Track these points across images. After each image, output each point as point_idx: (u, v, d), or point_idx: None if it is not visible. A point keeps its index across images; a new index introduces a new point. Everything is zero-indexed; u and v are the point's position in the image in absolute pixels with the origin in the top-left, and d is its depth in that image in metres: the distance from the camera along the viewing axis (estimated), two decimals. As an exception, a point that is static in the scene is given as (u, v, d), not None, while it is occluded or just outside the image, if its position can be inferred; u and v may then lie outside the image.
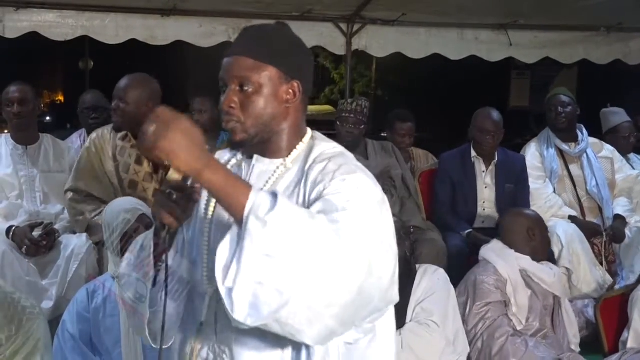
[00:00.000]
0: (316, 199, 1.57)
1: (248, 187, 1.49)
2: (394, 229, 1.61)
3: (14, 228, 3.63)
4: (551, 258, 3.63)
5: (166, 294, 1.64)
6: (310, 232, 1.44)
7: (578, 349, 3.54)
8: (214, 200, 1.69)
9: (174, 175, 1.54)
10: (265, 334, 1.51)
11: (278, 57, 1.67)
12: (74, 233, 3.77)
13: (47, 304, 3.51)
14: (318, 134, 1.77)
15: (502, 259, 3.50)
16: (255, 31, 1.73)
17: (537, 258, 3.55)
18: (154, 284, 1.69)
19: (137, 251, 1.74)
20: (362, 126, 4.40)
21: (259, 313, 1.42)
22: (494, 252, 3.55)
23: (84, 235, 3.69)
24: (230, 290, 1.43)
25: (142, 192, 3.47)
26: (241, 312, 1.43)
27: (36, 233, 3.64)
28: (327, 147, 1.71)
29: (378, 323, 1.67)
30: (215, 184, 1.47)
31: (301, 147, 1.72)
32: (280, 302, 1.41)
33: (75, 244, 3.64)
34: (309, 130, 1.76)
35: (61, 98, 27.73)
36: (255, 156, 1.73)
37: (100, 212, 3.43)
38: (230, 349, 1.66)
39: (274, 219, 1.43)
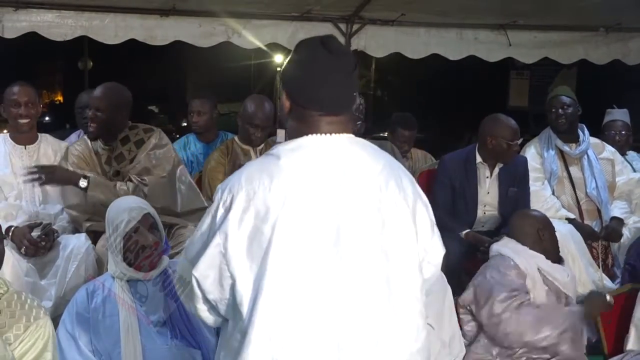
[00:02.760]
0: None
1: None
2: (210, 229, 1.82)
3: (13, 228, 3.63)
4: (560, 262, 3.62)
5: None
6: None
7: (584, 351, 3.53)
8: None
9: None
10: None
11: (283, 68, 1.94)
12: (73, 233, 3.77)
13: (46, 304, 3.49)
14: (291, 142, 1.86)
15: (518, 255, 3.50)
16: None
17: (548, 258, 3.54)
18: None
19: None
20: (359, 122, 4.37)
21: None
22: (509, 248, 3.55)
23: (83, 235, 3.69)
24: None
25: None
26: None
27: (35, 233, 3.63)
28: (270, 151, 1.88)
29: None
30: None
31: None
32: None
33: (74, 244, 3.63)
34: (299, 138, 1.86)
35: (60, 98, 27.75)
36: None
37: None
38: None
39: None
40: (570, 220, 4.37)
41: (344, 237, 1.77)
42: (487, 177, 4.36)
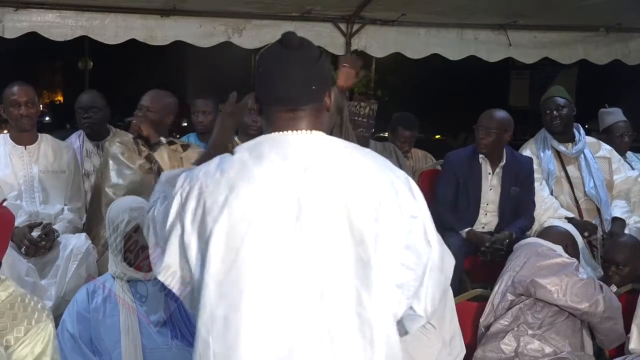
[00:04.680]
0: None
1: None
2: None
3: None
4: None
5: None
6: None
7: (591, 352, 3.54)
8: None
9: None
10: None
11: None
12: (73, 233, 3.77)
13: (47, 304, 3.49)
14: (252, 140, 1.88)
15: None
16: None
17: None
18: None
19: None
20: (372, 129, 4.48)
21: None
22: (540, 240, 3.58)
23: (83, 235, 3.69)
24: None
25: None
26: None
27: (35, 233, 3.63)
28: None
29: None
30: None
31: None
32: None
33: (74, 244, 3.63)
34: (260, 136, 1.89)
35: (60, 98, 27.75)
36: None
37: None
38: None
39: None
40: (569, 220, 4.37)
41: (295, 238, 1.74)
42: (489, 174, 4.36)
